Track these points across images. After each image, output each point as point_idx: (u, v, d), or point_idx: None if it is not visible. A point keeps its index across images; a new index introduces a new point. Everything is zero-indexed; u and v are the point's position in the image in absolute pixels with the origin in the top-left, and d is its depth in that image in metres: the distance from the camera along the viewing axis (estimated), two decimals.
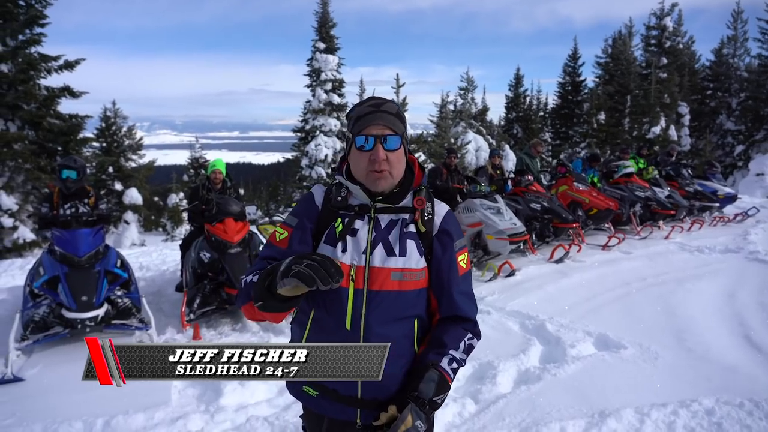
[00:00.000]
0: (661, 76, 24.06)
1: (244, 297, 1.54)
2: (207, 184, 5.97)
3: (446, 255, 1.64)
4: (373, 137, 1.56)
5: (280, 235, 1.67)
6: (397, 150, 1.60)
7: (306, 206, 1.70)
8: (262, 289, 1.40)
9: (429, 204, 1.67)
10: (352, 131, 1.62)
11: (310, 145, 20.60)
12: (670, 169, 11.04)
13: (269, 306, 1.42)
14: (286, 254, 1.59)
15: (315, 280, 1.26)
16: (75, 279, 4.41)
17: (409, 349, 1.63)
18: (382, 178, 1.58)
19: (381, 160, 1.56)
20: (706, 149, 23.41)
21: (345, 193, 1.66)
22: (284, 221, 1.71)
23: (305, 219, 1.67)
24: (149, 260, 8.66)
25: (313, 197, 1.71)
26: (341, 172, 1.70)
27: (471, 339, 1.66)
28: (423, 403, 1.47)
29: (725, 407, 3.32)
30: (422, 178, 1.72)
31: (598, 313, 5.22)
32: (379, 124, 1.57)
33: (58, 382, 3.87)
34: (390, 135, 1.57)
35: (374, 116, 1.58)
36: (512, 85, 31.03)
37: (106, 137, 21.84)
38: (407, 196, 1.67)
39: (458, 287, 1.64)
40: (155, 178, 25.27)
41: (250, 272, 1.60)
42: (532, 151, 9.66)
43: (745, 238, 8.63)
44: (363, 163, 1.59)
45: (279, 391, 3.79)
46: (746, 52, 27.71)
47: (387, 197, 1.64)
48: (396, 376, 1.61)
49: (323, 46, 21.06)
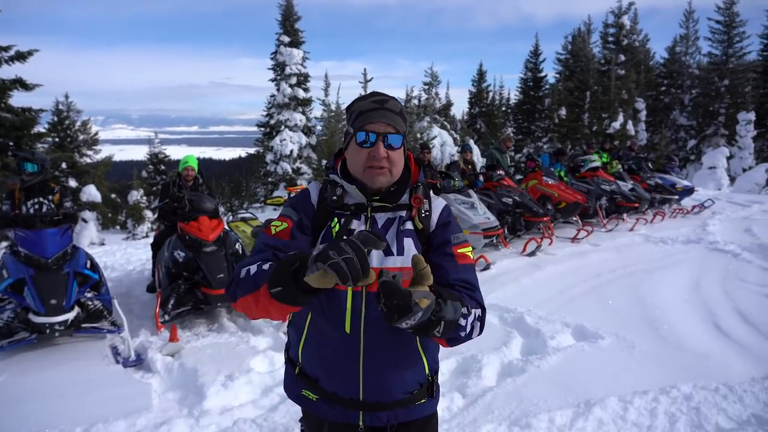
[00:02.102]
0: (619, 72, 24.78)
1: (244, 287, 1.41)
2: (178, 181, 5.80)
3: (443, 249, 1.60)
4: (375, 134, 1.52)
5: (278, 227, 1.60)
6: (398, 149, 1.56)
7: (303, 202, 1.65)
8: (285, 274, 1.27)
9: (426, 201, 1.64)
10: (353, 126, 1.58)
11: (275, 140, 20.32)
12: (632, 164, 11.39)
13: (287, 295, 1.28)
14: (289, 246, 1.55)
15: (349, 278, 1.15)
16: (43, 282, 4.20)
17: (411, 349, 1.61)
18: (380, 174, 1.54)
19: (381, 157, 1.52)
20: (662, 143, 24.28)
21: (340, 192, 1.61)
22: (283, 213, 1.65)
23: (303, 214, 1.62)
24: (113, 260, 8.37)
25: (309, 195, 1.66)
26: (336, 171, 1.66)
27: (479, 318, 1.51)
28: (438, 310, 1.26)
29: (702, 392, 3.44)
30: (419, 175, 1.69)
31: (574, 304, 5.34)
32: (382, 122, 1.53)
33: (29, 391, 3.68)
34: (392, 133, 1.54)
35: (377, 113, 1.54)
36: (475, 80, 31.39)
37: (59, 132, 21.00)
38: (404, 193, 1.63)
39: (456, 275, 1.56)
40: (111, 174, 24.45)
41: (251, 263, 1.49)
42: (502, 146, 9.80)
43: (704, 229, 8.99)
44: (361, 158, 1.55)
45: (263, 391, 3.72)
46: (697, 50, 28.90)
47: (383, 196, 1.60)
48: (398, 379, 1.59)
49: (288, 39, 20.77)
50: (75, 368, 4.06)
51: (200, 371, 3.90)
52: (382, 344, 1.55)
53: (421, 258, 1.23)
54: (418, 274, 1.22)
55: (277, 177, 20.56)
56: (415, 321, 1.19)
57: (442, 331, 1.29)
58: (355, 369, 1.55)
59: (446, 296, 1.32)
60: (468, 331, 1.43)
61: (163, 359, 4.18)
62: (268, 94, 22.16)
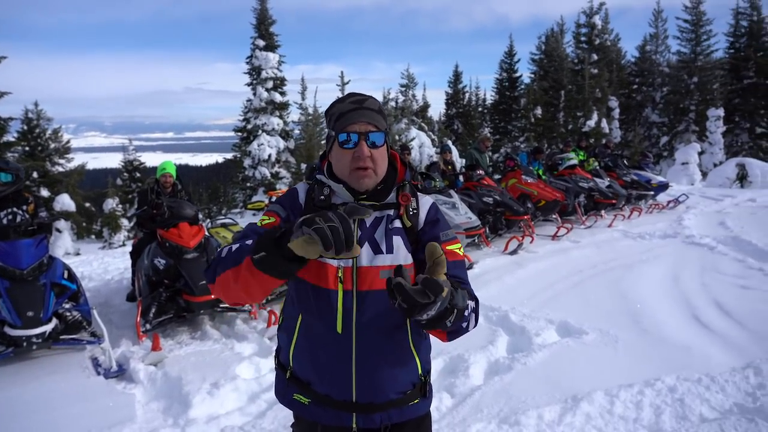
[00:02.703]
0: (592, 71, 25.19)
1: (225, 264, 1.39)
2: (156, 187, 5.70)
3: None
4: (357, 134, 1.52)
5: (266, 221, 1.59)
6: (381, 147, 1.56)
7: (290, 201, 1.65)
8: (269, 240, 1.25)
9: (413, 199, 1.64)
10: (333, 128, 1.57)
11: (252, 145, 20.13)
12: (609, 161, 11.59)
13: (270, 262, 1.24)
14: None
15: (332, 246, 1.13)
16: (18, 293, 4.08)
17: (403, 349, 1.60)
18: (366, 176, 1.54)
19: (365, 156, 1.51)
20: (635, 140, 24.74)
21: (327, 192, 1.60)
22: (270, 209, 1.64)
23: (290, 212, 1.61)
24: (90, 269, 8.20)
25: (297, 194, 1.66)
26: (322, 171, 1.65)
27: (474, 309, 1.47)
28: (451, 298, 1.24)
29: (685, 384, 3.50)
30: (405, 174, 1.68)
31: (557, 301, 5.40)
32: (362, 121, 1.53)
33: (8, 406, 3.57)
34: (373, 132, 1.53)
35: (357, 113, 1.54)
36: (451, 81, 31.63)
37: (29, 140, 20.46)
38: (391, 192, 1.63)
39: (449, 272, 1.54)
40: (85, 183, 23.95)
41: (235, 242, 1.48)
42: (481, 146, 9.87)
43: (680, 223, 9.18)
44: (346, 160, 1.54)
45: (250, 398, 3.68)
46: (667, 48, 29.52)
47: (370, 195, 1.60)
48: (392, 379, 1.59)
49: (263, 43, 20.62)
50: (54, 381, 3.94)
51: (185, 380, 3.83)
52: (375, 344, 1.54)
53: (437, 246, 1.20)
54: (435, 261, 1.19)
55: (256, 182, 20.38)
56: (434, 311, 1.18)
57: (453, 320, 1.27)
58: (348, 370, 1.54)
59: (453, 284, 1.30)
60: (467, 321, 1.43)
61: (145, 369, 4.09)
62: (245, 99, 21.93)
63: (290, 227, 1.23)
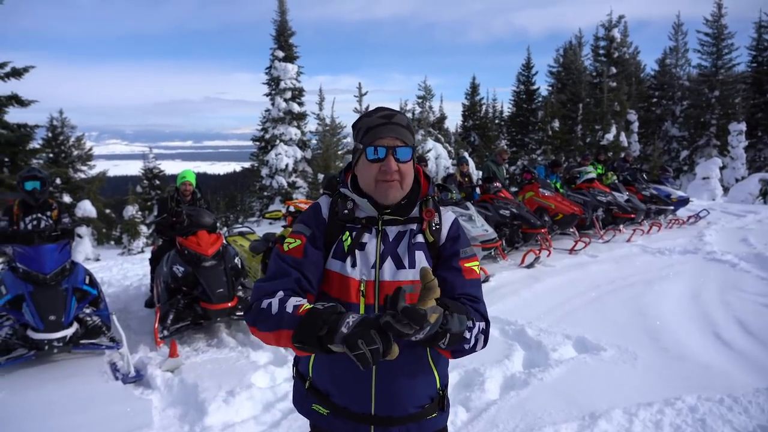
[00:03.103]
0: (611, 84, 25.04)
1: (265, 324, 1.44)
2: (176, 195, 5.79)
3: (452, 262, 1.62)
4: (385, 148, 1.54)
5: (292, 243, 1.61)
6: (408, 162, 1.57)
7: (314, 217, 1.66)
8: (311, 335, 1.29)
9: (436, 214, 1.66)
10: (362, 142, 1.59)
11: (270, 155, 20.33)
12: (627, 174, 11.46)
13: (309, 350, 1.34)
14: (302, 264, 1.56)
15: (371, 366, 1.19)
16: (41, 298, 4.17)
17: (422, 363, 1.61)
18: (392, 189, 1.56)
19: (392, 171, 1.53)
20: (655, 154, 24.47)
21: (351, 205, 1.63)
22: (295, 230, 1.66)
23: (315, 229, 1.62)
24: (110, 275, 8.32)
25: (320, 209, 1.68)
26: (346, 185, 1.67)
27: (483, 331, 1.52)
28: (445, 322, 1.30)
29: (707, 404, 3.42)
30: (429, 188, 1.70)
31: (574, 316, 5.33)
32: (390, 136, 1.55)
33: (27, 408, 3.63)
34: (401, 146, 1.55)
35: (386, 128, 1.56)
36: (468, 93, 31.64)
37: (54, 147, 20.94)
38: (415, 207, 1.64)
39: (463, 290, 1.57)
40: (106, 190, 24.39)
41: (269, 291, 1.51)
42: (498, 158, 9.85)
43: (700, 239, 9.03)
44: (372, 173, 1.56)
45: (265, 407, 3.68)
46: (687, 62, 29.25)
47: (394, 209, 1.61)
48: (410, 392, 1.59)
49: (282, 54, 20.87)
50: (74, 385, 4.01)
51: (201, 387, 3.86)
52: (395, 359, 1.54)
53: (429, 270, 1.26)
54: (425, 286, 1.25)
55: (273, 191, 20.55)
56: (423, 335, 1.24)
57: (448, 343, 1.33)
58: (367, 383, 1.55)
59: (453, 309, 1.36)
60: (472, 344, 1.46)
61: (162, 375, 4.14)
62: (263, 109, 22.18)
63: (334, 324, 1.26)
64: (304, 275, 1.55)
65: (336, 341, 1.24)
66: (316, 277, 1.58)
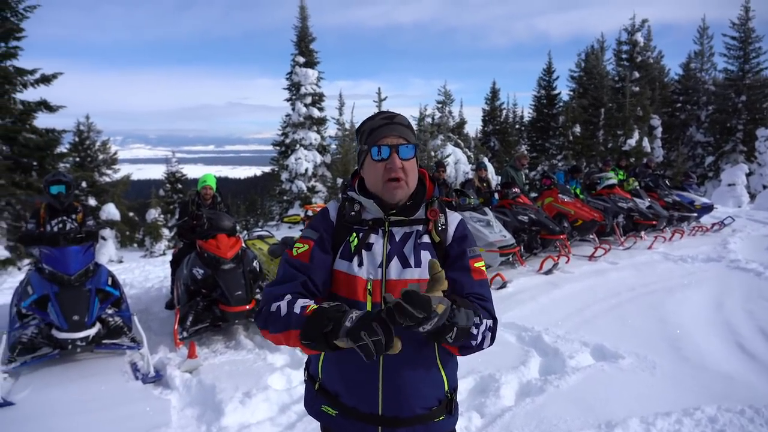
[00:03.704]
0: (633, 89, 24.71)
1: (275, 325, 1.49)
2: (197, 199, 5.89)
3: (459, 262, 1.65)
4: (388, 147, 1.58)
5: (300, 248, 1.65)
6: (411, 159, 1.62)
7: (322, 221, 1.71)
8: (317, 332, 1.35)
9: (442, 215, 1.69)
10: (366, 143, 1.64)
11: (290, 159, 20.52)
12: (649, 180, 11.29)
13: (317, 348, 1.40)
14: (309, 268, 1.60)
15: (374, 357, 1.24)
16: (66, 298, 4.28)
17: (430, 364, 1.62)
18: (399, 188, 1.60)
19: (397, 168, 1.58)
20: (678, 160, 24.06)
21: (358, 207, 1.67)
22: (304, 235, 1.70)
23: (323, 233, 1.67)
24: (132, 277, 8.48)
25: (328, 213, 1.72)
26: (353, 188, 1.71)
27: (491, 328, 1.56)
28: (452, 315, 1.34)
29: (727, 414, 3.36)
30: (434, 190, 1.73)
31: (592, 323, 5.27)
32: (393, 135, 1.60)
33: (50, 406, 3.73)
34: (404, 144, 1.60)
35: (388, 128, 1.61)
36: (489, 98, 31.51)
37: (80, 152, 21.45)
38: (420, 208, 1.68)
39: (471, 290, 1.61)
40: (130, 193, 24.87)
41: (278, 294, 1.56)
42: (517, 163, 9.80)
43: (724, 247, 8.84)
44: (378, 173, 1.60)
45: (281, 408, 3.72)
46: (713, 66, 28.72)
47: (400, 210, 1.65)
48: (418, 393, 1.60)
49: (303, 60, 21.09)
50: (95, 384, 4.11)
51: (218, 388, 3.92)
52: (402, 358, 1.55)
53: (436, 262, 1.31)
54: (433, 277, 1.29)
55: (292, 195, 20.72)
56: (431, 326, 1.27)
57: (455, 337, 1.37)
58: (375, 382, 1.57)
59: (460, 303, 1.41)
60: (479, 340, 1.49)
61: (181, 376, 4.21)
62: (284, 114, 22.41)
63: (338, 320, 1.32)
64: (311, 279, 1.59)
65: (340, 335, 1.29)
66: (322, 280, 1.62)
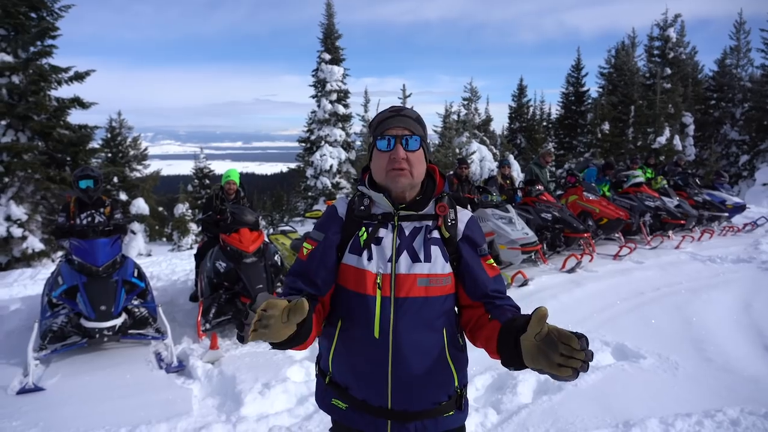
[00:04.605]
0: (665, 86, 24.12)
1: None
2: (221, 194, 6.00)
3: (473, 259, 1.67)
4: (393, 137, 1.60)
5: (306, 249, 1.71)
6: (417, 151, 1.63)
7: (330, 219, 1.73)
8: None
9: (452, 210, 1.69)
10: (373, 135, 1.66)
11: (315, 156, 20.68)
12: (679, 179, 11.04)
13: (277, 347, 1.42)
14: (306, 267, 1.65)
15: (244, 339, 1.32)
16: (94, 288, 4.43)
17: (440, 359, 1.63)
18: (401, 176, 1.60)
19: (401, 158, 1.58)
20: (711, 159, 23.41)
21: (368, 202, 1.68)
22: (310, 236, 1.73)
23: (330, 232, 1.69)
24: (159, 270, 8.67)
25: (336, 209, 1.74)
26: (364, 183, 1.73)
27: None
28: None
29: (750, 417, 3.29)
30: (444, 186, 1.74)
31: (615, 322, 5.20)
32: (399, 126, 1.62)
33: (78, 392, 3.87)
34: (409, 135, 1.61)
35: (394, 119, 1.63)
36: (515, 95, 31.10)
37: (112, 147, 22.01)
38: (430, 203, 1.69)
39: (493, 286, 1.66)
40: (159, 188, 25.40)
41: (284, 293, 1.66)
42: (542, 161, 9.69)
43: (756, 248, 8.60)
44: (383, 163, 1.62)
45: (299, 400, 3.78)
46: (749, 62, 27.72)
47: (410, 205, 1.66)
48: (427, 387, 1.61)
49: (328, 57, 21.21)
50: (121, 372, 4.24)
51: (238, 379, 4.00)
52: (411, 351, 1.58)
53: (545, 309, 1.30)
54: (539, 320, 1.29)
55: (317, 191, 20.89)
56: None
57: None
58: (384, 374, 1.59)
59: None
60: None
61: (203, 366, 4.31)
62: (310, 111, 22.60)
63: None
64: (311, 279, 1.64)
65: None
66: (322, 278, 1.65)
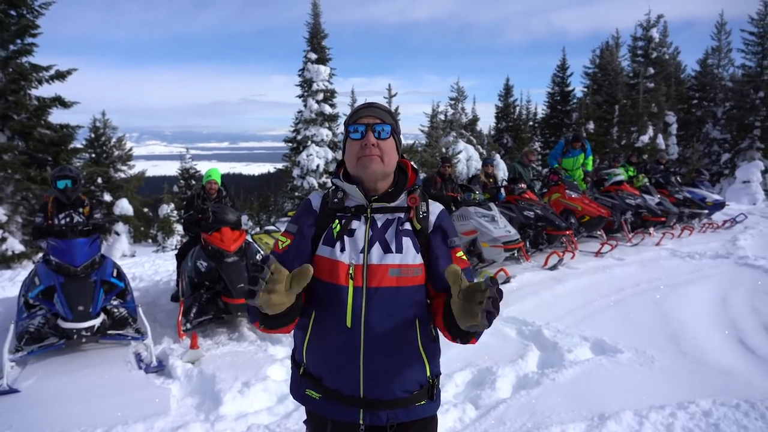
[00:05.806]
0: (648, 86, 24.41)
1: (252, 317, 1.63)
2: (202, 193, 5.97)
3: (443, 250, 1.70)
4: (364, 125, 1.65)
5: (282, 243, 1.72)
6: (388, 139, 1.67)
7: (305, 212, 1.76)
8: (255, 309, 1.51)
9: (423, 203, 1.73)
10: (346, 128, 1.71)
11: (301, 156, 20.61)
12: (660, 177, 11.17)
13: (269, 324, 1.57)
14: (282, 259, 1.65)
15: (255, 294, 1.37)
16: (71, 289, 4.38)
17: (411, 348, 1.65)
18: (372, 161, 1.64)
19: (371, 144, 1.63)
20: (694, 157, 23.73)
21: (341, 195, 1.72)
22: (286, 229, 1.76)
23: (304, 225, 1.72)
24: (142, 271, 8.60)
25: (311, 203, 1.77)
26: (338, 176, 1.76)
27: None
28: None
29: (722, 408, 3.35)
30: (416, 179, 1.78)
31: (594, 318, 5.27)
32: (369, 116, 1.67)
33: (54, 394, 3.83)
34: (379, 123, 1.66)
35: (365, 110, 1.70)
36: (502, 95, 31.29)
37: (95, 148, 21.74)
38: (401, 195, 1.73)
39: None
40: (144, 189, 25.16)
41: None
42: (525, 159, 9.77)
43: (734, 243, 8.75)
44: (355, 151, 1.66)
45: (279, 398, 3.79)
46: (730, 62, 28.14)
47: (382, 197, 1.70)
48: (398, 376, 1.64)
49: (315, 56, 21.15)
50: (99, 373, 4.21)
51: (218, 378, 3.99)
52: (383, 340, 1.61)
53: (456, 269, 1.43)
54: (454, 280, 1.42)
55: (304, 191, 20.81)
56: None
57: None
58: (356, 363, 1.60)
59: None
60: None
61: (183, 366, 4.29)
62: (296, 110, 22.53)
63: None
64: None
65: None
66: None
